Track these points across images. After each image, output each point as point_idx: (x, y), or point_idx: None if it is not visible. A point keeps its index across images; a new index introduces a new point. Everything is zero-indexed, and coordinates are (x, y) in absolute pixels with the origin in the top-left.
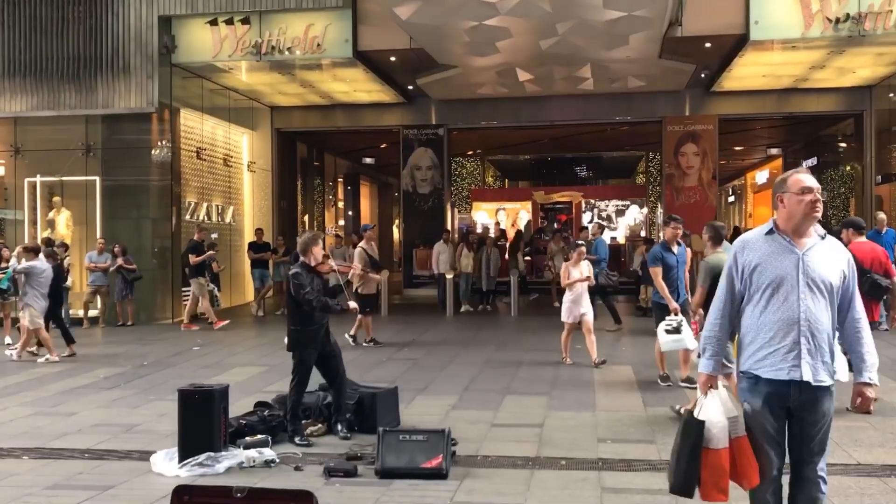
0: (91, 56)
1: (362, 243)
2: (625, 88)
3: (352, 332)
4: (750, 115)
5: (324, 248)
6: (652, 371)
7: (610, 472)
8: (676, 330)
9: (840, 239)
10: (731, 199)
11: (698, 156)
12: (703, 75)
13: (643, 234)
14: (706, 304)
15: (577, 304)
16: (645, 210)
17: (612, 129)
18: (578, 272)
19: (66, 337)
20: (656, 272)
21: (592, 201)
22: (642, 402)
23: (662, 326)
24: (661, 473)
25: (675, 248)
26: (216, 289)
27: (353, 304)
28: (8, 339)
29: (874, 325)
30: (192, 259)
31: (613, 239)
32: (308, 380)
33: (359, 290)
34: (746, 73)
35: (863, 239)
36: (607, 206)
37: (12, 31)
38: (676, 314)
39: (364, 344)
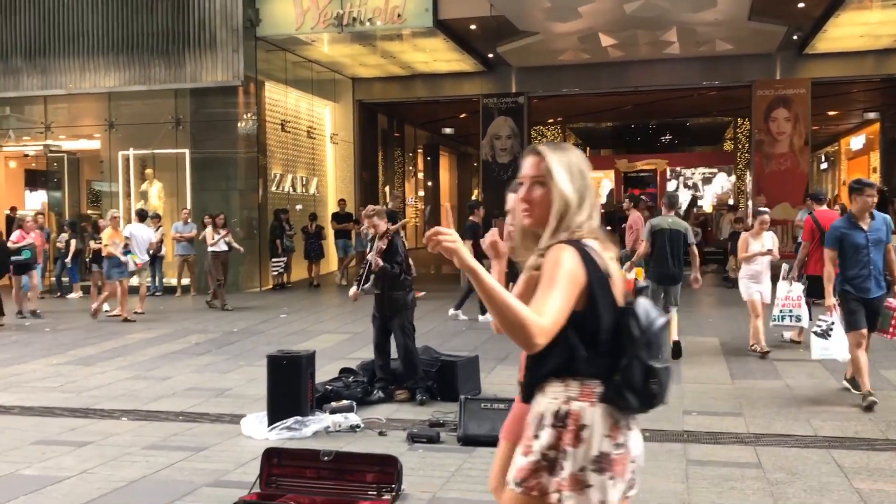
0: (179, 31)
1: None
2: (712, 52)
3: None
4: (846, 78)
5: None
6: (736, 344)
7: (695, 445)
8: (825, 333)
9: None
10: (824, 165)
11: (790, 121)
12: (794, 37)
13: (731, 202)
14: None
15: (755, 282)
16: (733, 178)
17: (699, 95)
18: (759, 244)
19: None
20: (831, 256)
21: (678, 169)
22: (729, 375)
23: (812, 328)
24: (748, 446)
25: (865, 223)
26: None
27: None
28: (106, 307)
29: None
30: None
31: (700, 208)
32: (378, 339)
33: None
34: (842, 33)
35: (824, 208)
36: (693, 173)
37: (105, 9)
38: (831, 312)
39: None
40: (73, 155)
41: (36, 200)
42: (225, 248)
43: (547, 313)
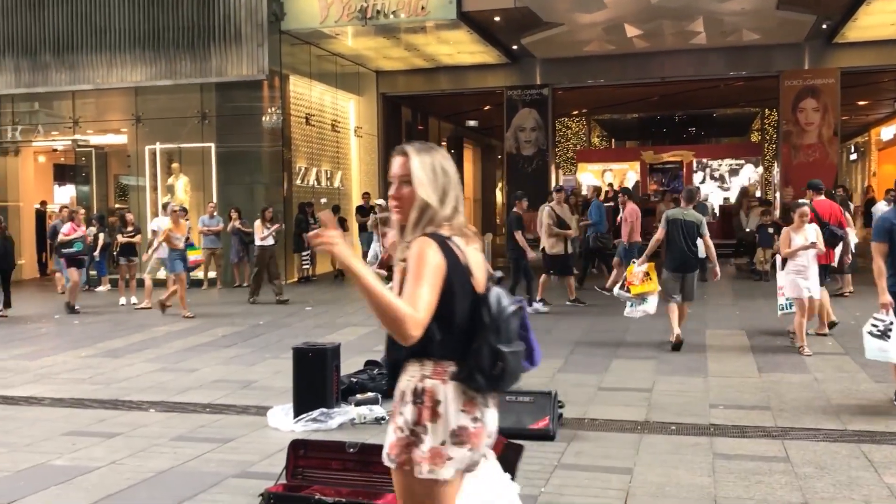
0: (204, 26)
1: (553, 203)
2: (739, 42)
3: (538, 296)
4: (876, 67)
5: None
6: (763, 337)
7: (722, 438)
8: (884, 334)
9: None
10: (854, 156)
11: (818, 111)
12: (824, 26)
13: (758, 194)
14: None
15: (803, 277)
16: (760, 169)
17: (726, 85)
18: (802, 238)
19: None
20: (881, 250)
21: (704, 160)
22: (756, 368)
23: (866, 327)
24: (775, 440)
25: None
26: None
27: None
28: (134, 299)
29: (830, 267)
30: None
31: (727, 200)
32: None
33: (545, 250)
34: (873, 21)
35: (822, 198)
36: (720, 165)
37: (132, 4)
38: (887, 310)
39: (567, 304)
40: (101, 149)
41: (64, 194)
42: (272, 242)
43: (420, 307)
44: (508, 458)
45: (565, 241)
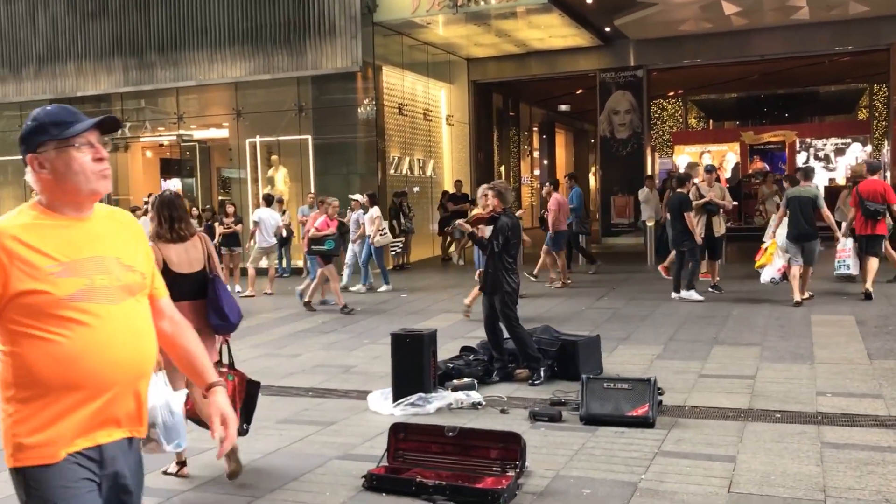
0: (300, 20)
1: (701, 183)
2: (845, 15)
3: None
4: None
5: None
6: (878, 321)
7: (830, 427)
8: None
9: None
10: None
11: None
12: None
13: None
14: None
15: None
16: (868, 148)
17: (831, 61)
18: None
19: None
20: None
21: (808, 140)
22: (867, 354)
23: None
24: (889, 430)
25: None
26: None
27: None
28: (238, 288)
29: (877, 237)
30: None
31: (832, 181)
32: (486, 317)
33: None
34: None
35: (875, 177)
36: (825, 144)
37: (231, 2)
38: None
39: (709, 290)
40: (204, 143)
41: (171, 188)
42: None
43: None
44: (251, 391)
45: (710, 224)
